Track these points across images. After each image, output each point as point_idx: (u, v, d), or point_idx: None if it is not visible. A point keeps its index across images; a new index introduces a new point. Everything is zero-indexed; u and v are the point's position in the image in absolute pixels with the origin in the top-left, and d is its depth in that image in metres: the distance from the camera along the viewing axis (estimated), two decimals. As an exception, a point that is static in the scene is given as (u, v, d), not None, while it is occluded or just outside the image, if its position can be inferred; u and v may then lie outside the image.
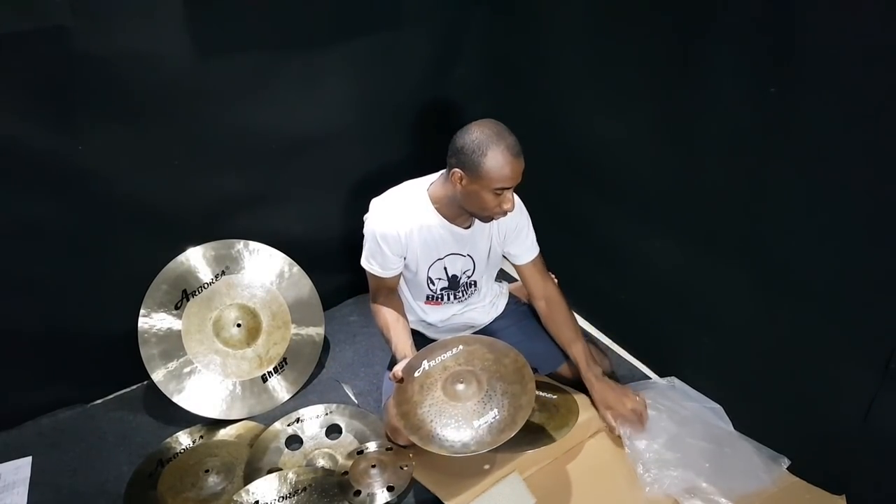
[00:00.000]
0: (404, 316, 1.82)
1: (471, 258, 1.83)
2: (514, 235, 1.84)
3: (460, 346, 1.63)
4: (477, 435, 1.46)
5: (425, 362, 1.60)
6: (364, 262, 1.78)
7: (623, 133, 1.91)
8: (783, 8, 1.37)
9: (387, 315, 1.77)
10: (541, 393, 1.80)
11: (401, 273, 1.80)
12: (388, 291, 1.83)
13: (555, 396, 1.83)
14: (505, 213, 1.65)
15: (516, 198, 1.83)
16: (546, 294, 1.90)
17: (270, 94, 1.94)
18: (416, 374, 1.58)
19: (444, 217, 1.73)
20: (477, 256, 1.83)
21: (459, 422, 1.49)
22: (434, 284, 1.83)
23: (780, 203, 1.53)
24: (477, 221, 1.75)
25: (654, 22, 1.69)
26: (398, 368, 1.60)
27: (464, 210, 1.68)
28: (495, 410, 1.50)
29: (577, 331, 1.87)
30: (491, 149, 1.54)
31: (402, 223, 1.70)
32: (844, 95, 1.33)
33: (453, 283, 1.85)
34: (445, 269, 1.81)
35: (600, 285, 2.22)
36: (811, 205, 1.47)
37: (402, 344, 1.70)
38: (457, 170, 1.60)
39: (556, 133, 2.16)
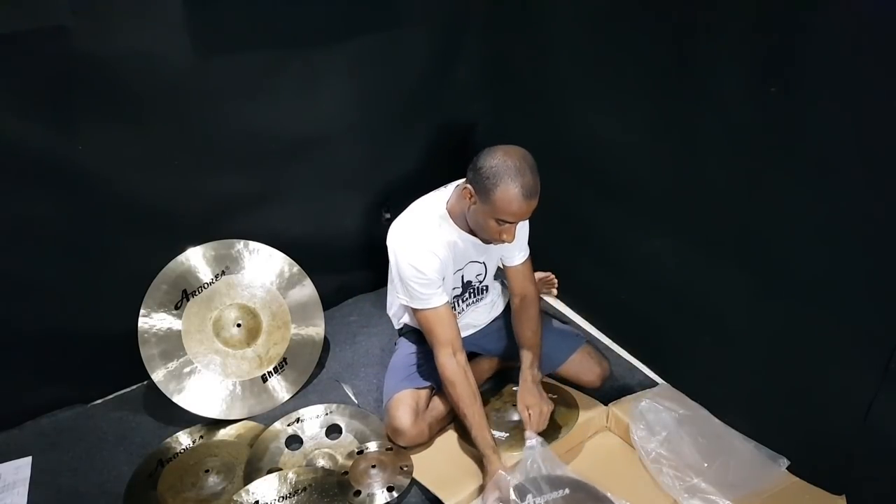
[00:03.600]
0: (478, 387, 1.71)
1: (484, 264, 1.83)
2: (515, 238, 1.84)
3: (567, 490, 1.56)
4: None
5: (530, 496, 1.53)
6: (412, 303, 1.69)
7: (623, 133, 1.91)
8: (783, 7, 1.37)
9: (464, 389, 1.66)
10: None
11: (448, 302, 1.71)
12: (452, 344, 1.68)
13: (555, 396, 1.83)
14: (502, 242, 1.63)
15: None
16: (525, 293, 1.87)
17: (271, 94, 1.94)
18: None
19: (464, 230, 1.70)
20: (489, 261, 1.84)
21: None
22: (449, 294, 1.82)
23: (780, 202, 1.53)
24: None
25: (654, 21, 1.69)
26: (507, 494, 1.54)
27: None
28: None
29: (538, 335, 1.82)
30: (505, 182, 1.50)
31: (436, 248, 1.66)
32: (845, 95, 1.33)
33: (465, 289, 1.85)
34: (462, 276, 1.80)
35: (600, 285, 2.22)
36: (811, 204, 1.47)
37: (484, 431, 1.63)
38: (469, 186, 1.58)
39: (556, 133, 2.16)
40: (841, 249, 1.44)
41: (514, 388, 1.82)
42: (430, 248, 1.65)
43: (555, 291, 2.37)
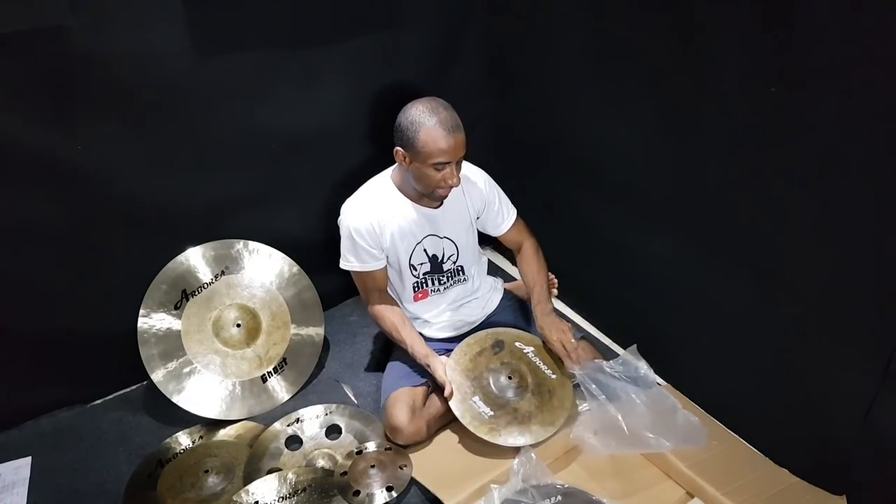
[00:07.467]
0: (404, 314, 1.85)
1: (451, 241, 1.85)
2: (486, 209, 1.87)
3: (559, 497, 1.57)
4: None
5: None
6: (343, 264, 1.82)
7: (623, 133, 1.91)
8: (784, 7, 1.37)
9: (392, 317, 1.82)
10: (541, 365, 1.80)
11: (386, 266, 1.82)
12: (380, 292, 1.85)
13: (554, 377, 1.79)
14: (450, 188, 1.68)
15: (480, 172, 1.88)
16: (522, 242, 1.96)
17: (270, 94, 1.94)
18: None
19: (410, 199, 1.76)
20: (458, 238, 1.85)
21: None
22: (416, 269, 1.85)
23: (779, 203, 1.53)
24: (447, 200, 1.78)
25: (654, 22, 1.69)
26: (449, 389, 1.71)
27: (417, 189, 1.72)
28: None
29: (542, 270, 1.92)
30: (423, 125, 1.59)
31: (373, 213, 1.74)
32: (845, 95, 1.33)
33: (435, 265, 1.86)
34: (425, 250, 1.83)
35: (600, 285, 2.22)
36: (811, 205, 1.47)
37: (419, 345, 1.78)
38: (398, 148, 1.65)
39: (556, 133, 2.16)
40: (841, 250, 1.44)
41: (517, 345, 1.84)
42: (372, 219, 1.74)
43: (555, 292, 2.36)
